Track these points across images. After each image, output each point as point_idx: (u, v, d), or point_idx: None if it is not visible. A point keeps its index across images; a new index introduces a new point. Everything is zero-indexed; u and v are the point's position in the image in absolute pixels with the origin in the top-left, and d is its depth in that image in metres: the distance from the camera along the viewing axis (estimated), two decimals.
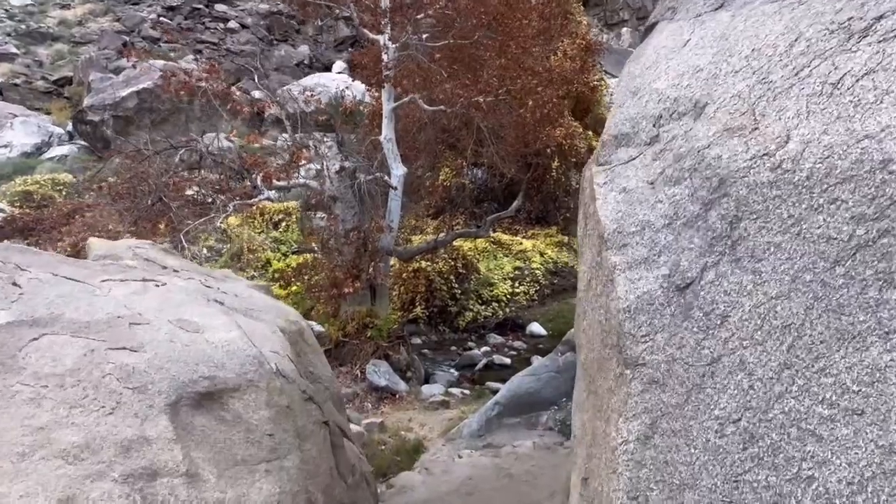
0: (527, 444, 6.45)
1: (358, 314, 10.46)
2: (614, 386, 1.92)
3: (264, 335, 3.48)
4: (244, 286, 4.54)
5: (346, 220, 10.39)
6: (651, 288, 1.87)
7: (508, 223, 16.76)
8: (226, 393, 2.80)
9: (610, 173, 2.24)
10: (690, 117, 2.05)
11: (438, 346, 12.57)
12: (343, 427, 4.30)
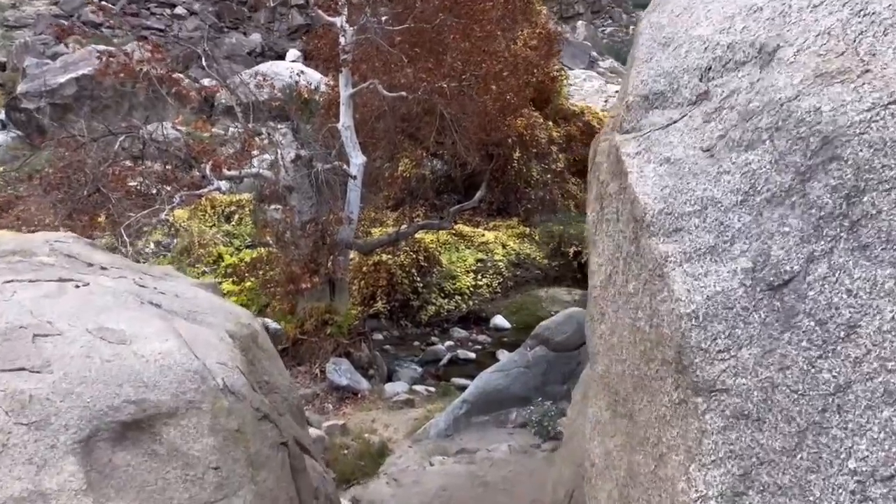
0: (502, 448, 6.04)
1: (316, 310, 9.85)
2: (670, 415, 1.49)
3: (209, 343, 2.91)
4: (187, 285, 3.94)
5: (302, 212, 9.75)
6: (727, 286, 1.43)
7: (469, 215, 16.33)
8: (158, 420, 2.24)
9: (644, 141, 1.80)
10: (755, 65, 1.63)
11: (401, 341, 12.07)
12: (304, 443, 3.77)
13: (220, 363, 2.78)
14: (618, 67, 32.41)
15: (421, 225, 11.42)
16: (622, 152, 1.85)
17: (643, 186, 1.69)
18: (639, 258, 1.70)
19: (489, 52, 8.74)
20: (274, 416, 3.05)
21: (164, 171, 9.25)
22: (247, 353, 3.46)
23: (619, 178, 1.87)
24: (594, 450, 2.04)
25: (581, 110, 17.24)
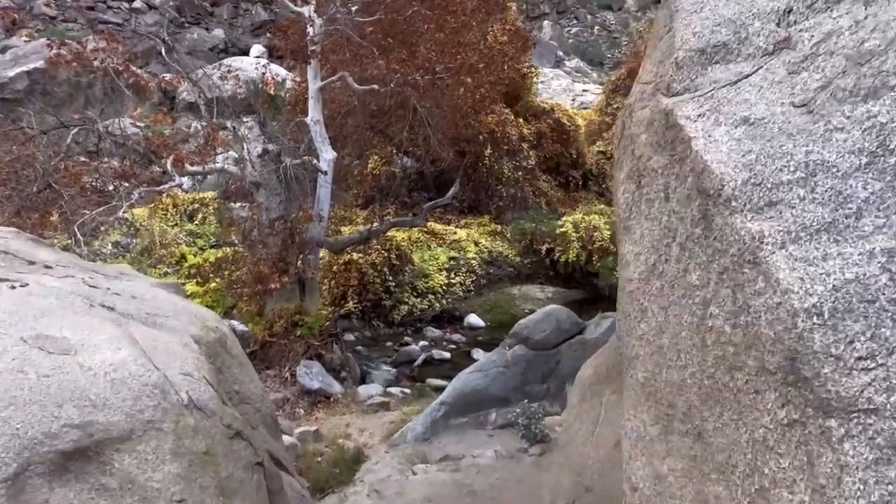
0: (488, 453, 5.72)
1: (286, 311, 9.39)
2: (776, 440, 1.18)
3: (172, 351, 2.52)
4: (147, 284, 3.51)
5: (270, 209, 9.28)
6: (863, 272, 1.13)
7: (440, 213, 16.01)
8: (108, 446, 1.85)
9: (707, 101, 1.50)
10: (854, 1, 1.35)
11: (373, 342, 11.67)
12: (280, 457, 3.38)
13: (185, 374, 2.39)
14: (583, 67, 32.51)
15: (394, 222, 11.04)
16: (678, 116, 1.54)
17: (715, 153, 1.38)
18: (709, 241, 1.40)
19: (464, 44, 8.42)
20: (247, 433, 2.66)
21: (121, 167, 8.67)
22: (214, 360, 3.07)
23: (671, 148, 1.57)
24: (636, 472, 1.74)
25: (551, 107, 17.08)
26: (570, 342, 8.16)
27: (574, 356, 8.10)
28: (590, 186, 17.34)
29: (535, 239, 14.60)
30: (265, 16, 31.11)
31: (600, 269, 14.07)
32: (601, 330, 8.30)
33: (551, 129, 16.65)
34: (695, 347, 1.47)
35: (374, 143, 16.32)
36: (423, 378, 9.94)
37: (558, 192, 16.79)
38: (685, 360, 1.53)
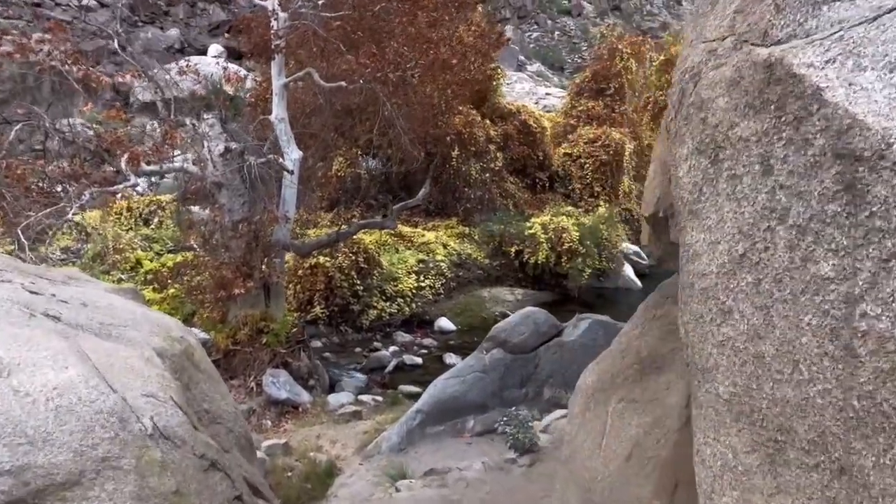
0: (475, 465, 5.39)
1: (251, 318, 8.88)
2: None
3: (131, 368, 2.11)
4: (100, 290, 3.07)
5: (233, 211, 8.77)
6: None
7: (408, 215, 15.64)
8: (51, 495, 1.44)
9: (836, 45, 1.22)
10: None
11: (341, 348, 11.22)
12: (257, 484, 2.97)
13: (148, 396, 1.99)
14: (545, 71, 32.63)
15: (363, 224, 10.63)
16: (794, 65, 1.25)
17: (867, 104, 1.10)
18: (857, 220, 1.11)
19: (437, 39, 8.09)
20: (223, 461, 2.26)
21: (70, 167, 8.03)
22: (181, 376, 2.66)
23: (777, 107, 1.27)
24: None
25: (517, 109, 16.92)
26: (549, 345, 7.90)
27: (553, 359, 7.85)
28: (556, 188, 17.23)
29: (503, 241, 14.38)
30: (223, 16, 30.21)
31: (569, 270, 13.93)
32: (579, 332, 8.08)
33: (518, 131, 16.49)
34: (829, 358, 1.18)
35: (339, 145, 15.89)
36: (395, 385, 9.55)
37: (525, 194, 16.62)
38: (810, 374, 1.24)
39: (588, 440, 3.36)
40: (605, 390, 3.42)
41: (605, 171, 16.83)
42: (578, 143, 17.11)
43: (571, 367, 7.90)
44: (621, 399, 3.32)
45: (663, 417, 3.08)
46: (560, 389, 7.87)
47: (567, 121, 18.10)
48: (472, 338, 11.63)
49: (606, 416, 3.34)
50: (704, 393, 1.56)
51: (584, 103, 18.01)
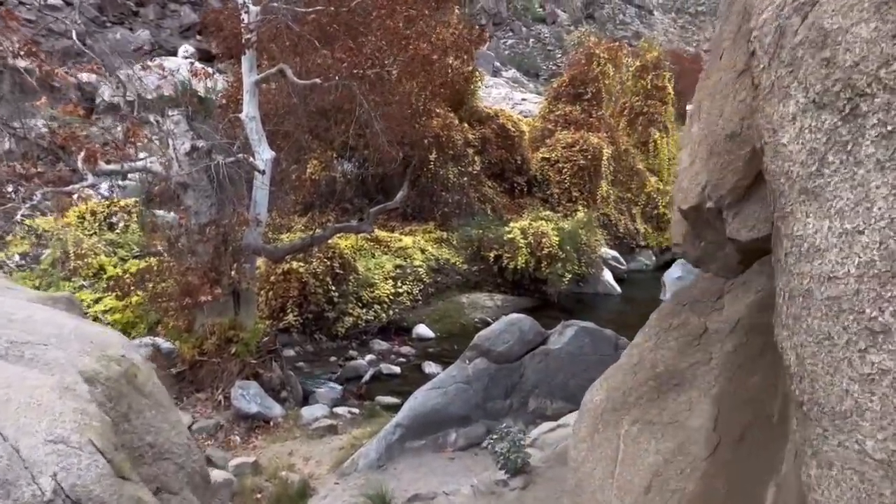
0: (463, 490, 4.92)
1: (219, 326, 8.30)
2: None
3: (35, 403, 1.61)
4: (20, 300, 2.53)
5: (200, 213, 8.19)
6: None
7: (384, 219, 15.15)
8: None
9: None
10: None
11: (316, 357, 10.66)
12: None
13: (55, 441, 1.50)
14: (520, 77, 32.46)
15: (338, 228, 10.11)
16: None
17: None
18: None
19: (417, 33, 7.64)
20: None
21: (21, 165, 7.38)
22: (118, 404, 2.15)
23: None
24: None
25: (495, 113, 16.57)
26: (534, 353, 7.49)
27: (538, 368, 7.44)
28: (534, 192, 16.91)
29: (482, 246, 13.98)
30: (194, 17, 29.35)
31: (549, 275, 13.58)
32: (565, 339, 7.68)
33: (496, 135, 16.13)
34: None
35: (314, 147, 15.34)
36: (371, 395, 9.04)
37: (503, 199, 16.27)
38: None
39: (598, 468, 2.93)
40: (617, 410, 2.99)
41: (583, 175, 16.58)
42: (556, 148, 16.83)
43: (557, 377, 7.50)
44: (636, 421, 2.89)
45: (687, 443, 2.66)
46: (546, 400, 7.46)
47: (545, 125, 17.82)
48: (452, 345, 11.18)
49: (618, 441, 2.91)
50: (837, 448, 1.14)
51: (562, 107, 17.76)
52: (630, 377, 2.99)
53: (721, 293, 2.89)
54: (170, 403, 2.70)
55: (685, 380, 2.81)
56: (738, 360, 2.68)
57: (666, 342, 2.96)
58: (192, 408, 7.89)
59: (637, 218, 17.62)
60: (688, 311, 2.97)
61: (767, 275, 2.64)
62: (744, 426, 2.50)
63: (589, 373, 7.78)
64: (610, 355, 7.98)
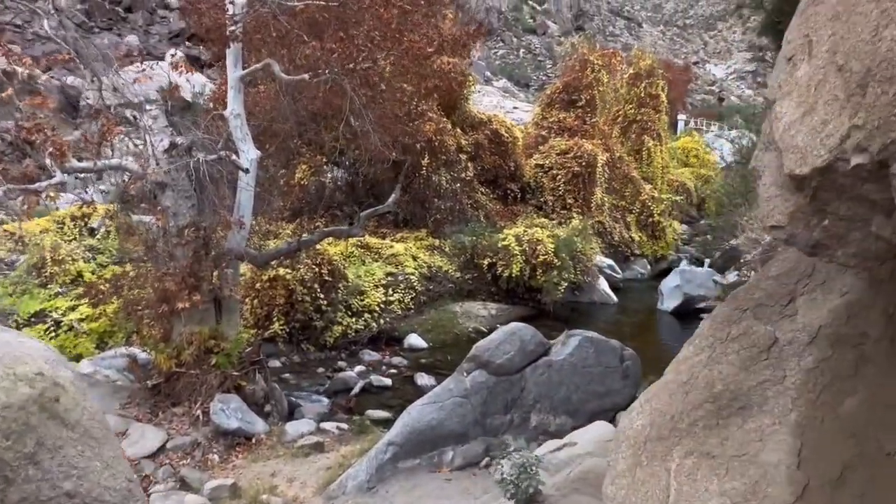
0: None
1: (198, 336, 7.65)
2: None
3: None
4: None
5: (179, 215, 7.57)
6: None
7: (374, 226, 14.58)
8: None
9: None
10: None
11: (303, 368, 10.02)
12: None
13: None
14: (511, 87, 32.14)
15: (327, 232, 9.51)
16: None
17: None
18: None
19: (413, 24, 7.11)
20: None
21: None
22: (17, 442, 1.53)
23: None
24: None
25: (489, 118, 16.09)
26: (536, 364, 6.93)
27: (540, 381, 6.87)
28: (528, 199, 16.41)
29: (475, 253, 13.42)
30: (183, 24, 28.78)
31: (544, 283, 13.04)
32: (568, 350, 7.13)
33: (489, 140, 15.64)
34: None
35: (303, 152, 14.77)
36: (361, 409, 8.41)
37: (497, 205, 15.75)
38: None
39: None
40: (664, 439, 2.42)
41: (577, 182, 16.11)
42: (550, 155, 16.37)
43: (560, 390, 6.94)
44: (690, 453, 2.33)
45: (762, 482, 2.10)
46: (548, 415, 6.89)
47: (538, 132, 17.38)
48: (445, 356, 10.60)
49: (668, 477, 2.34)
50: None
51: (555, 114, 17.32)
52: (679, 398, 2.43)
53: (793, 296, 2.33)
54: (106, 434, 2.09)
55: (752, 402, 2.25)
56: (823, 379, 2.13)
57: (724, 356, 2.40)
58: (168, 423, 7.23)
59: (632, 226, 17.17)
60: (750, 317, 2.41)
61: (853, 273, 2.07)
62: (843, 464, 1.93)
63: (593, 386, 7.23)
64: (615, 367, 7.44)
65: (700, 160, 24.48)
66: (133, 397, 7.67)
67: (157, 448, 6.74)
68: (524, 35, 35.05)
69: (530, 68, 34.34)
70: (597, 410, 7.09)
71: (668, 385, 2.53)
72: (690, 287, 13.71)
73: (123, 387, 8.25)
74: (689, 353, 2.56)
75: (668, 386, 2.50)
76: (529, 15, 35.95)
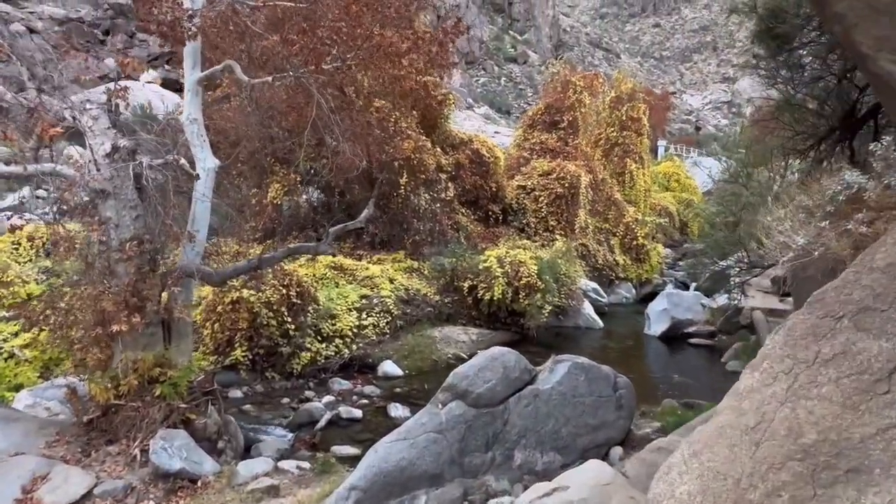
0: None
1: (141, 363, 6.66)
2: None
3: None
4: None
5: (122, 227, 6.64)
6: None
7: (350, 248, 13.70)
8: None
9: None
10: None
11: (266, 399, 9.00)
12: None
13: None
14: (492, 114, 31.74)
15: (292, 249, 8.60)
16: None
17: None
18: None
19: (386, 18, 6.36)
20: None
21: None
22: None
23: None
24: None
25: (469, 138, 15.41)
26: (521, 394, 6.04)
27: (526, 413, 5.97)
28: (510, 221, 15.66)
29: (455, 275, 12.57)
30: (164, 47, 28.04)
31: (527, 307, 12.20)
32: (556, 377, 6.26)
33: (470, 161, 14.94)
34: None
35: (276, 170, 13.95)
36: (327, 445, 7.42)
37: (478, 227, 14.97)
38: None
39: None
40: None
41: (560, 204, 15.42)
42: (532, 176, 15.70)
43: (548, 423, 6.04)
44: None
45: None
46: (535, 451, 5.97)
47: (520, 153, 16.73)
48: (422, 384, 9.65)
49: None
50: None
51: (537, 136, 16.71)
52: (745, 452, 1.57)
53: None
54: None
55: (872, 462, 1.39)
56: None
57: (814, 387, 1.56)
58: (99, 465, 6.17)
59: (616, 249, 16.47)
60: (850, 328, 1.57)
61: None
62: None
63: (585, 418, 6.34)
64: (608, 396, 6.57)
65: (681, 184, 24.05)
66: (63, 434, 6.61)
67: (82, 495, 5.69)
68: (505, 64, 34.86)
69: (511, 96, 34.09)
70: (589, 446, 6.20)
71: (724, 431, 1.67)
72: (678, 311, 12.97)
73: (58, 422, 7.18)
74: (755, 382, 1.71)
75: (726, 433, 1.65)
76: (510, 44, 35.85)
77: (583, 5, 56.21)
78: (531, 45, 36.03)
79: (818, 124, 8.42)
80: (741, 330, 12.24)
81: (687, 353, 12.11)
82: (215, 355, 9.37)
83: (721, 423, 1.72)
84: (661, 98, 27.48)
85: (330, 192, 14.42)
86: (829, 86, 7.87)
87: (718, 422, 1.74)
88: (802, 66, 7.95)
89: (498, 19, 37.15)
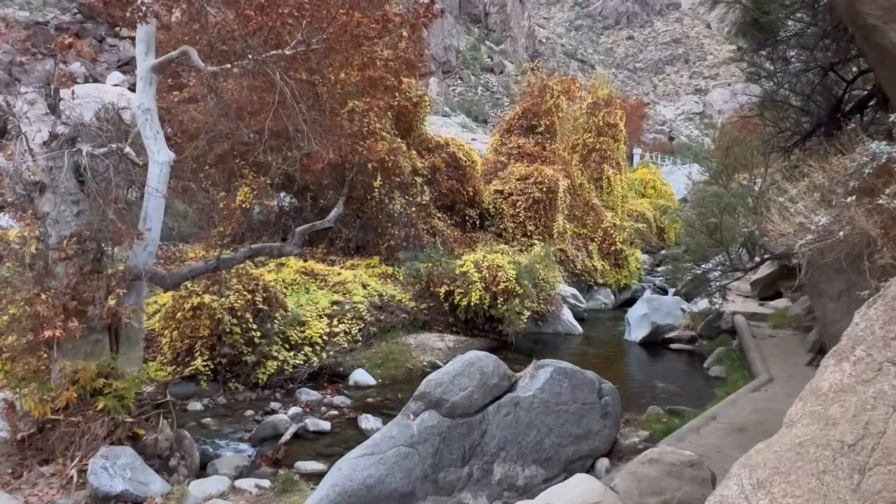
0: None
1: (83, 373, 5.94)
2: None
3: None
4: None
5: (61, 223, 5.97)
6: None
7: (323, 253, 13.05)
8: None
9: None
10: None
11: (228, 411, 8.29)
12: None
13: None
14: (469, 123, 31.39)
15: (255, 249, 7.96)
16: None
17: None
18: None
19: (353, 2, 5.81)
20: None
21: None
22: None
23: None
24: None
25: (446, 141, 14.92)
26: (500, 403, 5.48)
27: (505, 423, 5.42)
28: (487, 226, 15.17)
29: (431, 281, 12.01)
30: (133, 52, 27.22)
31: (506, 313, 11.67)
32: (538, 384, 5.72)
33: (446, 164, 14.44)
34: None
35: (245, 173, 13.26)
36: (291, 460, 6.75)
37: (454, 232, 14.44)
38: None
39: None
40: None
41: (538, 209, 14.98)
42: (510, 180, 15.25)
43: (530, 434, 5.49)
44: None
45: None
46: (515, 465, 5.41)
47: (497, 158, 16.29)
48: (395, 393, 9.04)
49: None
50: None
51: (514, 140, 16.31)
52: (843, 482, 1.07)
53: None
54: None
55: None
56: None
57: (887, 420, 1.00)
58: (29, 488, 5.44)
59: (594, 254, 16.07)
60: None
61: None
62: None
63: (569, 427, 5.80)
64: (593, 404, 6.04)
65: (657, 191, 23.89)
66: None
67: None
68: (482, 73, 34.62)
69: (488, 105, 33.82)
70: (573, 458, 5.66)
71: (806, 451, 1.13)
72: (658, 316, 12.57)
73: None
74: (846, 377, 1.18)
75: (808, 453, 1.11)
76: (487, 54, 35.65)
77: (558, 17, 56.59)
78: (507, 55, 35.90)
79: (802, 121, 8.11)
80: (722, 335, 11.87)
81: (668, 358, 11.69)
82: (174, 365, 8.64)
83: (799, 439, 1.17)
84: (636, 107, 27.43)
85: (302, 197, 13.80)
86: (815, 80, 7.57)
87: (794, 437, 1.19)
88: (787, 60, 7.66)
89: (474, 29, 36.99)
